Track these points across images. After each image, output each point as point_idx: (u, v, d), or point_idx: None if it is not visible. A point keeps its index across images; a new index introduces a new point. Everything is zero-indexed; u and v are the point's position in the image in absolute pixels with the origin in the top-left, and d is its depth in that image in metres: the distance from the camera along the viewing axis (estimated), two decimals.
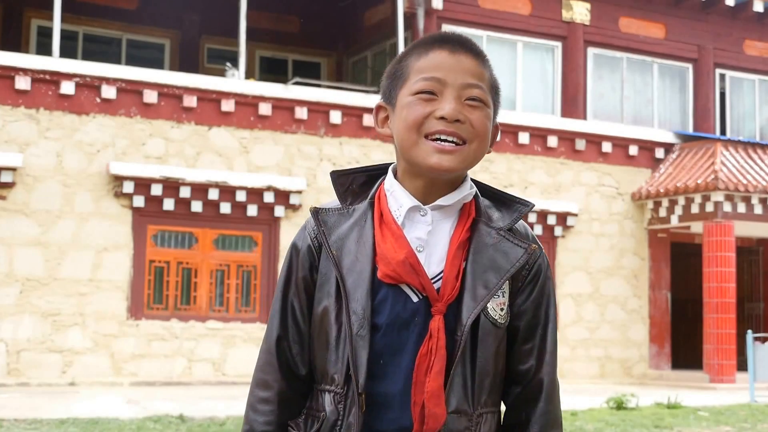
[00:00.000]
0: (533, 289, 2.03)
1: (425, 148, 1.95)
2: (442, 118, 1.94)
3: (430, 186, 1.99)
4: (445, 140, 1.95)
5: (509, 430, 2.07)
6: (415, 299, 1.95)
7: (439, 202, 1.98)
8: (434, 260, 1.97)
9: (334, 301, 1.97)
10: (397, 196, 2.01)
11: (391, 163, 2.11)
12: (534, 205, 2.08)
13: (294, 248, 2.08)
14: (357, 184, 2.07)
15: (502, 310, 1.99)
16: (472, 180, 2.07)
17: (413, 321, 1.94)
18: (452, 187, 2.01)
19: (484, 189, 2.09)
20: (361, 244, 1.98)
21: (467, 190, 2.02)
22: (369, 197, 2.03)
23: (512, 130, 19.08)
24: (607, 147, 19.94)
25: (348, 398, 1.94)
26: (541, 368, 2.03)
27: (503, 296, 1.99)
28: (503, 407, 2.10)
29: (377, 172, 2.10)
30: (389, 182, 2.04)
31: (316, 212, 2.04)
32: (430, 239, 1.98)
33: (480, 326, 1.95)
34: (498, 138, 2.09)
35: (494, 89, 2.05)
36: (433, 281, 1.95)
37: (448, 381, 1.91)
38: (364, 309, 1.93)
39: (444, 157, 1.94)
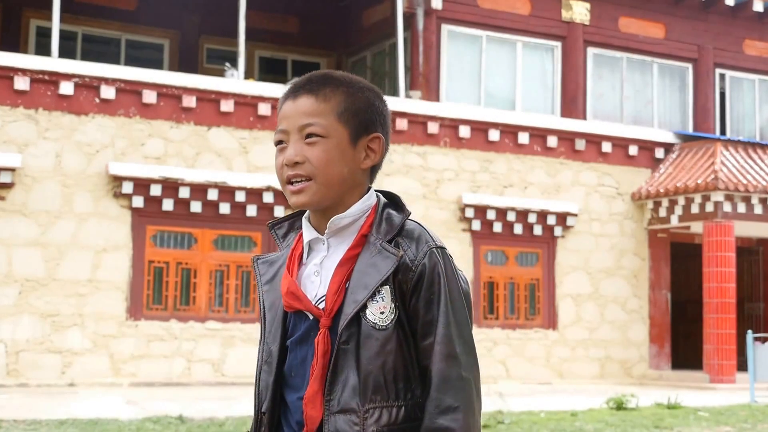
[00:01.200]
0: (420, 289, 2.15)
1: (287, 193, 2.21)
2: (286, 164, 2.20)
3: (319, 216, 2.23)
4: (294, 182, 2.19)
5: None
6: (310, 317, 2.17)
7: (328, 230, 2.20)
8: (327, 281, 2.18)
9: (263, 341, 2.27)
10: (304, 232, 2.25)
11: None
12: (410, 213, 2.24)
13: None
14: (281, 233, 2.36)
15: (382, 313, 2.13)
16: (378, 192, 2.27)
17: (309, 336, 2.17)
18: (338, 213, 2.21)
19: (388, 201, 2.27)
20: (277, 283, 2.25)
21: (351, 214, 2.20)
22: (296, 237, 2.30)
23: (512, 130, 19.06)
24: (606, 147, 19.93)
25: (264, 424, 2.23)
26: (432, 359, 2.13)
27: (382, 300, 2.14)
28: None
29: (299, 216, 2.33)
30: (303, 220, 2.28)
31: (253, 262, 2.36)
32: (325, 263, 2.19)
33: (361, 331, 2.12)
34: (386, 148, 2.25)
35: (348, 112, 2.20)
36: (322, 299, 2.17)
37: (335, 383, 2.12)
38: (274, 339, 2.22)
39: (297, 197, 2.18)
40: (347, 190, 2.20)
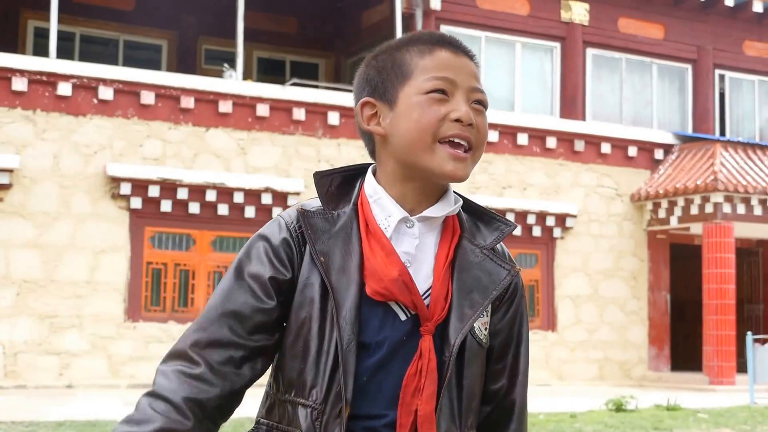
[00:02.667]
0: (509, 308, 1.99)
1: (441, 155, 1.86)
2: (458, 120, 1.85)
3: (421, 193, 1.91)
4: (459, 144, 1.86)
5: None
6: (403, 317, 1.86)
7: (427, 213, 1.90)
8: (421, 276, 1.88)
9: (318, 311, 1.85)
10: (383, 205, 1.90)
11: (368, 164, 1.99)
12: (516, 226, 2.06)
13: (263, 238, 1.91)
14: (334, 186, 1.94)
15: (486, 329, 1.94)
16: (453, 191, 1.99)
17: (402, 339, 1.85)
18: (438, 196, 1.93)
19: (464, 202, 2.01)
20: (348, 256, 1.86)
21: (452, 202, 1.95)
22: (351, 203, 1.92)
23: (511, 131, 19.04)
24: (606, 148, 19.91)
25: (326, 415, 1.83)
26: (513, 389, 2.02)
27: (486, 316, 1.94)
28: None
29: (353, 173, 1.98)
30: (372, 188, 1.92)
31: (303, 213, 1.89)
32: (417, 254, 1.89)
33: (467, 347, 1.89)
34: None
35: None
36: (425, 296, 1.88)
37: (438, 404, 1.85)
38: (352, 323, 1.82)
39: (459, 165, 1.86)
40: None
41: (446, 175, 1.86)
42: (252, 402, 2.22)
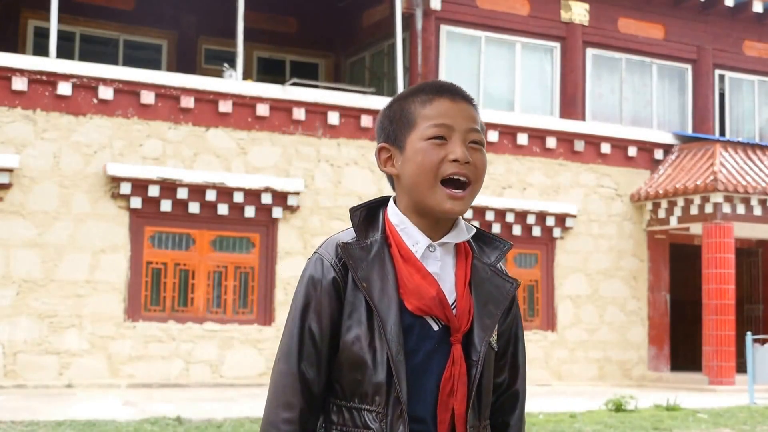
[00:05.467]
0: (509, 313, 2.33)
1: (441, 194, 2.18)
2: (455, 160, 2.17)
3: (436, 224, 2.23)
4: (457, 180, 2.18)
5: None
6: (435, 328, 2.18)
7: (447, 239, 2.23)
8: (445, 293, 2.20)
9: (366, 329, 2.17)
10: (410, 233, 2.23)
11: (387, 197, 2.31)
12: (512, 245, 2.37)
13: (312, 280, 2.23)
14: (362, 217, 2.27)
15: (496, 335, 2.27)
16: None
17: (435, 347, 2.17)
18: (450, 224, 2.25)
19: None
20: (386, 279, 2.18)
21: (464, 230, 2.27)
22: (380, 231, 2.24)
23: (511, 131, 19.04)
24: (605, 148, 19.91)
25: (389, 416, 2.14)
26: (516, 381, 2.38)
27: (497, 324, 2.28)
28: None
29: (375, 205, 2.30)
30: (398, 218, 2.25)
31: (344, 247, 2.20)
32: (441, 273, 2.21)
33: (486, 352, 2.22)
34: None
35: (484, 132, 2.29)
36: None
37: (469, 402, 2.18)
38: (397, 336, 2.14)
39: (456, 203, 2.18)
40: None
41: (445, 212, 2.19)
42: (251, 402, 2.26)
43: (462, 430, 2.17)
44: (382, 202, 2.31)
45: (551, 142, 19.40)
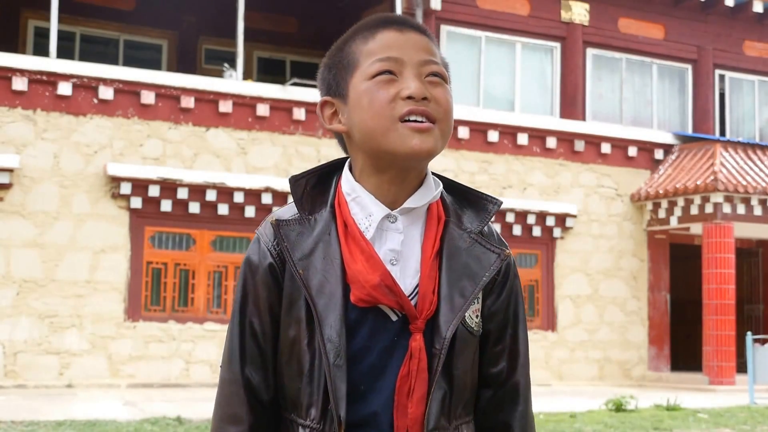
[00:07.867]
0: (502, 289, 1.90)
1: (402, 132, 1.75)
2: (409, 97, 1.76)
3: (398, 183, 1.81)
4: (417, 121, 1.76)
5: None
6: (393, 318, 1.78)
7: (408, 204, 1.81)
8: (409, 273, 1.80)
9: (305, 327, 1.79)
10: (362, 203, 1.82)
11: (342, 159, 1.91)
12: (502, 202, 1.95)
13: (249, 265, 1.85)
14: (310, 186, 1.86)
15: (477, 317, 1.85)
16: (432, 173, 1.89)
17: (393, 341, 1.78)
18: (418, 183, 1.83)
19: (446, 183, 1.92)
20: (329, 262, 1.78)
21: (432, 188, 1.84)
22: (328, 204, 1.83)
23: (511, 131, 19.04)
24: (606, 148, 19.91)
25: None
26: (515, 370, 1.94)
27: (477, 302, 1.85)
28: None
29: (328, 170, 1.90)
30: (349, 185, 1.84)
31: (277, 225, 1.81)
32: (403, 249, 1.80)
33: (457, 337, 1.80)
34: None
35: (446, 67, 1.88)
36: (409, 297, 1.78)
37: (428, 404, 1.77)
38: (339, 336, 1.74)
39: (424, 137, 1.75)
40: None
41: (413, 150, 1.75)
42: None
43: None
44: (337, 165, 1.90)
45: (551, 142, 19.40)
